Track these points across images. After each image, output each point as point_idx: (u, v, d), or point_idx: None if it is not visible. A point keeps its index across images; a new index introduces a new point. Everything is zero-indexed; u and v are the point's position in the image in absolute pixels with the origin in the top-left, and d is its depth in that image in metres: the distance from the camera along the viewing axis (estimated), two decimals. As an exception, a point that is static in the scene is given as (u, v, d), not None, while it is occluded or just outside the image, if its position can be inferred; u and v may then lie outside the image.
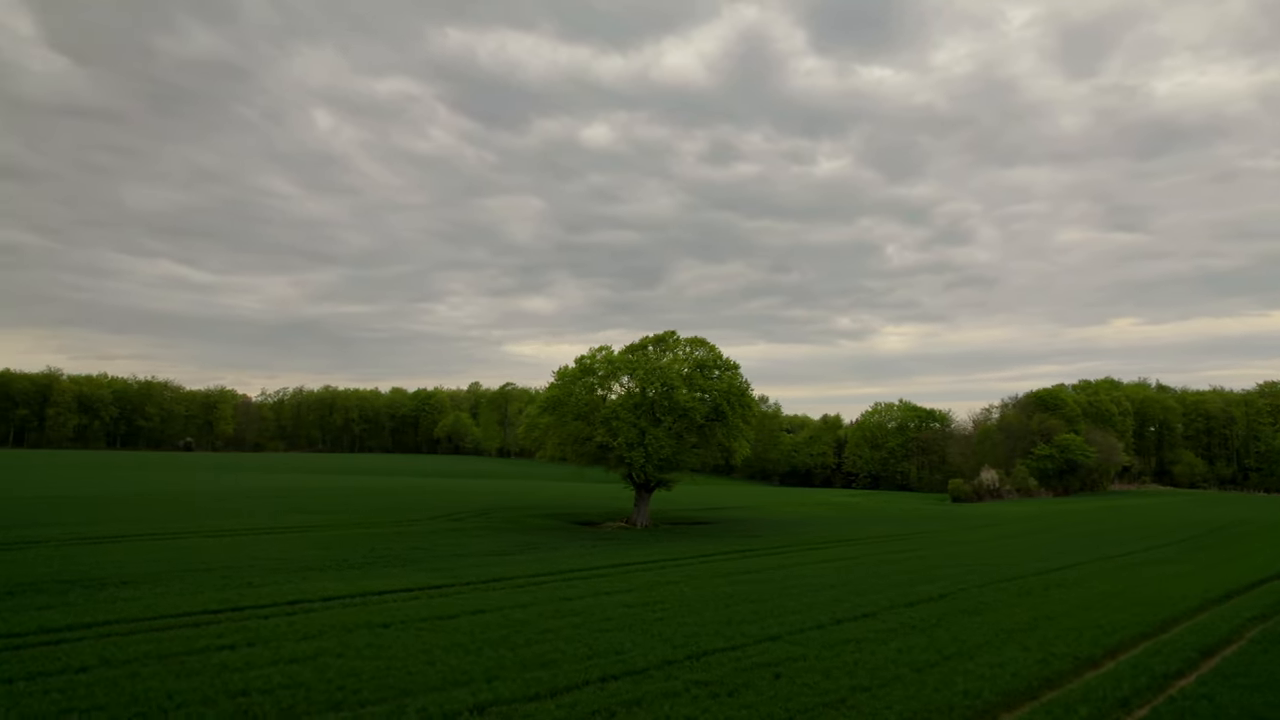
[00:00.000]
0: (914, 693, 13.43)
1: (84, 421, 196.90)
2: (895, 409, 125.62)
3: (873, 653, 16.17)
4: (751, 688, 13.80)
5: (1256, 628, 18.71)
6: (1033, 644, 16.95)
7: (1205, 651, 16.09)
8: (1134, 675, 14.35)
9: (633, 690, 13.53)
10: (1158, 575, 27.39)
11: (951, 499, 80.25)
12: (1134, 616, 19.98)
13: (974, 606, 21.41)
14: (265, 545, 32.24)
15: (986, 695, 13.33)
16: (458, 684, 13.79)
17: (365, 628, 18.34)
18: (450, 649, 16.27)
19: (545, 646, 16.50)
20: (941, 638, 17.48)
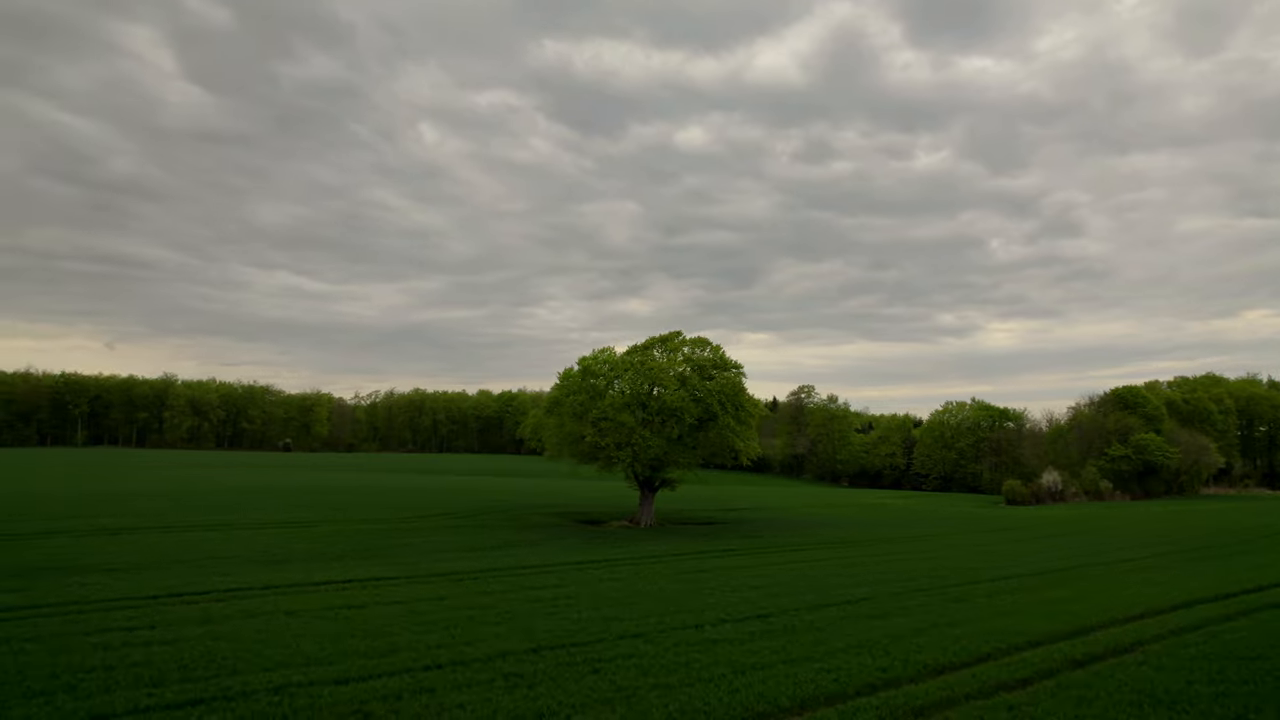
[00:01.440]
0: (706, 692, 13.43)
1: (195, 424, 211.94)
2: (967, 408, 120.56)
3: (718, 653, 16.12)
4: (557, 680, 14.09)
5: (1140, 647, 17.57)
6: (894, 650, 16.51)
7: (1045, 673, 15.07)
8: (933, 692, 13.66)
9: (439, 678, 14.05)
10: (1126, 582, 25.81)
11: (1006, 501, 76.48)
12: (1042, 627, 19.07)
13: (883, 611, 20.87)
14: (264, 538, 34.38)
15: (781, 700, 13.20)
16: (285, 666, 14.68)
17: (271, 614, 19.57)
18: (319, 635, 17.23)
19: (408, 637, 17.23)
20: (806, 641, 17.19)
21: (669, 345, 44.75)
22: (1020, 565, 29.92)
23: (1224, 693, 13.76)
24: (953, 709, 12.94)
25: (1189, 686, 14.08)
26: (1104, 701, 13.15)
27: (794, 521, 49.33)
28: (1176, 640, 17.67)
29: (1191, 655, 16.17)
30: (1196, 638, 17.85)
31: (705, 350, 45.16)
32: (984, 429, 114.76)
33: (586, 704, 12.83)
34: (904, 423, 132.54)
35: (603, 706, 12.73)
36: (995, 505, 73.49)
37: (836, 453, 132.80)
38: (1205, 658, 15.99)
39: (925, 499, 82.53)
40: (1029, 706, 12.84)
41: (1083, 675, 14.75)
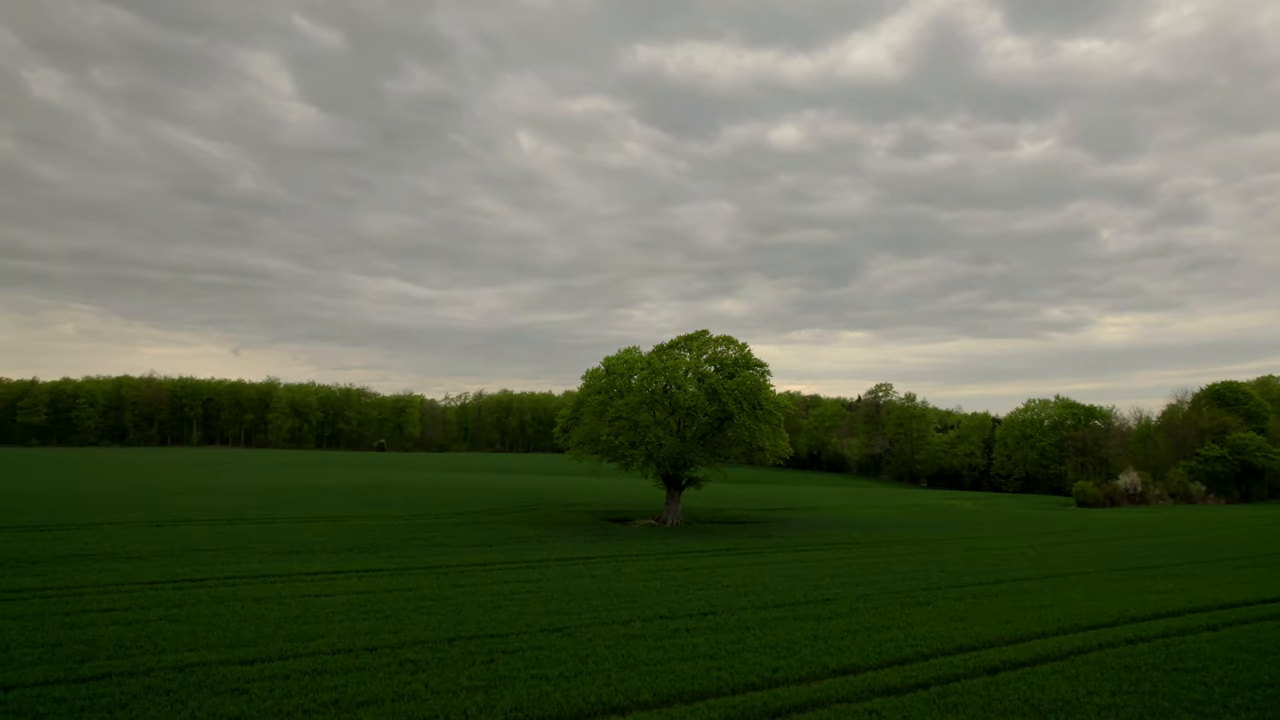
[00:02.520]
0: (575, 685, 13.68)
1: (296, 424, 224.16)
2: (1050, 405, 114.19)
3: (626, 648, 16.31)
4: (445, 668, 14.65)
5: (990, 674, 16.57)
6: (805, 651, 16.28)
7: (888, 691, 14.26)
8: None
9: (339, 663, 14.84)
10: (1121, 590, 24.30)
11: (1076, 504, 72.08)
12: (987, 632, 18.32)
13: (834, 613, 20.45)
14: (294, 531, 36.42)
15: (643, 694, 13.33)
16: (210, 646, 15.84)
17: (241, 600, 20.95)
18: (265, 620, 18.41)
19: (345, 624, 18.18)
20: (725, 640, 17.11)
21: (692, 345, 44.74)
22: (1019, 570, 28.57)
23: (1117, 704, 13.00)
24: (813, 711, 12.76)
25: (1087, 697, 13.37)
26: (975, 709, 12.67)
27: (827, 522, 48.38)
28: (1125, 649, 16.67)
29: (1124, 665, 15.28)
30: (1148, 648, 16.80)
31: (730, 349, 44.92)
32: (1068, 427, 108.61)
33: (452, 690, 13.31)
34: (983, 422, 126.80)
35: (464, 694, 13.19)
36: (1065, 508, 69.58)
37: (915, 453, 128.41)
38: (1135, 669, 15.08)
39: (993, 501, 78.92)
40: (892, 712, 12.52)
41: (982, 682, 14.19)
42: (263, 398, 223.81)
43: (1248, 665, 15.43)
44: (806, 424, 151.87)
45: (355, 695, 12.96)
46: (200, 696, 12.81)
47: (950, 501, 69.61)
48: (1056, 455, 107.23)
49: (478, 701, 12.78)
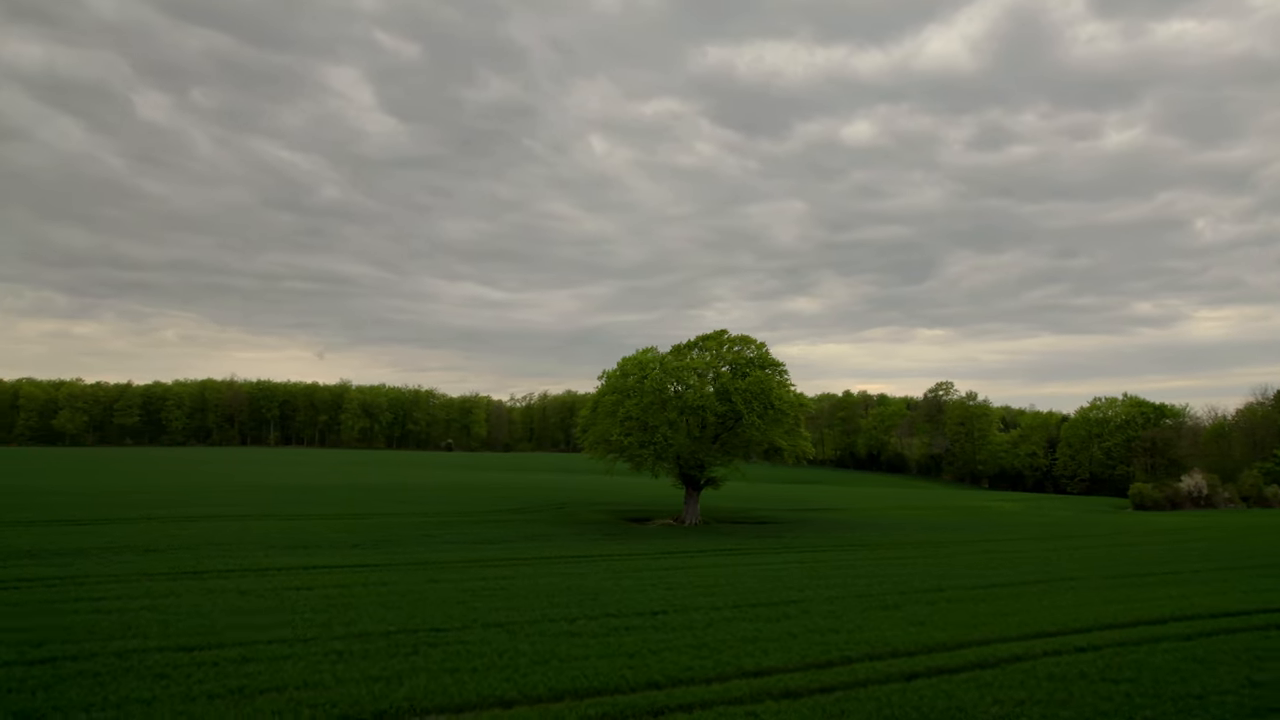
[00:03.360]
0: (477, 678, 14.04)
1: (367, 425, 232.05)
2: (1118, 404, 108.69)
3: (553, 645, 16.60)
4: (369, 659, 15.25)
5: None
6: (725, 652, 16.27)
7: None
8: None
9: (272, 651, 15.59)
10: (1090, 599, 23.22)
11: (1133, 506, 68.38)
12: (932, 638, 17.90)
13: (787, 615, 20.24)
14: (311, 528, 37.94)
15: (539, 690, 13.59)
16: (163, 635, 16.80)
17: (225, 592, 22.09)
18: (234, 610, 19.47)
19: (303, 615, 19.05)
20: (653, 640, 17.18)
21: (708, 345, 44.68)
22: (1019, 574, 27.58)
23: (1017, 713, 12.60)
24: (696, 712, 12.76)
25: (989, 705, 12.99)
26: (860, 715, 12.47)
27: (853, 523, 47.54)
28: (1068, 658, 16.04)
29: (1051, 674, 14.73)
30: (1094, 657, 16.14)
31: (748, 349, 44.68)
32: (1137, 426, 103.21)
33: (357, 680, 13.83)
34: (1046, 421, 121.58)
35: (367, 683, 13.68)
36: (1120, 511, 66.22)
37: (976, 453, 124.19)
38: (1062, 678, 14.53)
39: (1044, 503, 75.77)
40: (772, 716, 12.44)
41: (890, 689, 13.91)
42: (335, 399, 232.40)
43: (1188, 677, 14.69)
44: (865, 424, 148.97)
45: (264, 683, 13.61)
46: (124, 680, 13.65)
47: (998, 504, 67.24)
48: (1124, 456, 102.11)
49: (374, 691, 13.26)
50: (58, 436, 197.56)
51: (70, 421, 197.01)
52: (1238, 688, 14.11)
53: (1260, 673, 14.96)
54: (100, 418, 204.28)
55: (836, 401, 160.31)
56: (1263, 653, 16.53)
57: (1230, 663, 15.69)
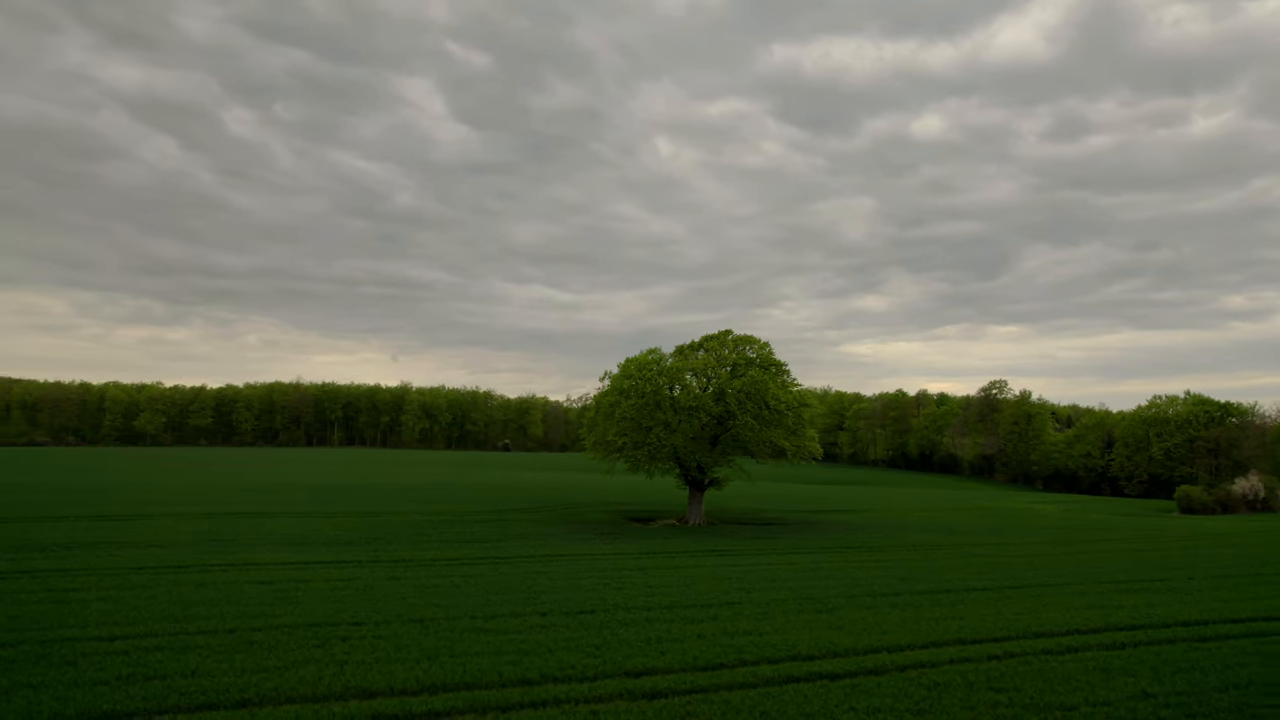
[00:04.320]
0: (362, 670, 14.54)
1: (426, 426, 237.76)
2: (1179, 402, 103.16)
3: (449, 640, 17.01)
4: (272, 649, 15.95)
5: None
6: (609, 652, 16.41)
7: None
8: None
9: (187, 641, 16.42)
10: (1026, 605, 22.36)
11: (1179, 509, 64.73)
12: (820, 645, 17.63)
13: (714, 616, 20.17)
14: (317, 526, 39.29)
15: (409, 683, 14.00)
16: (100, 624, 17.83)
17: (188, 585, 23.17)
18: (187, 602, 20.47)
19: (251, 606, 20.00)
20: (556, 638, 17.41)
21: (709, 345, 44.53)
22: (987, 580, 26.70)
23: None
24: (545, 709, 12.96)
25: (844, 712, 12.80)
26: (702, 718, 12.46)
27: (860, 525, 46.69)
28: (962, 665, 15.61)
29: (934, 682, 14.43)
30: (993, 665, 15.70)
31: (749, 349, 44.39)
32: (1198, 425, 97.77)
33: (243, 670, 14.49)
34: (1102, 420, 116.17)
35: (252, 674, 14.30)
36: (1165, 514, 62.86)
37: (1029, 453, 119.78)
38: (942, 685, 14.26)
39: (1084, 505, 72.55)
40: (608, 715, 12.55)
41: (753, 693, 13.82)
42: (397, 400, 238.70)
43: (1080, 687, 14.18)
44: (917, 423, 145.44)
45: (157, 670, 14.37)
46: (34, 666, 14.57)
47: (1037, 506, 64.86)
48: (1185, 456, 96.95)
49: (253, 680, 13.86)
50: (139, 437, 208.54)
51: (150, 423, 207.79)
52: (1125, 699, 13.56)
53: (1158, 684, 14.34)
54: (177, 419, 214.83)
55: (888, 400, 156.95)
56: (1182, 664, 15.80)
57: (1136, 673, 15.06)
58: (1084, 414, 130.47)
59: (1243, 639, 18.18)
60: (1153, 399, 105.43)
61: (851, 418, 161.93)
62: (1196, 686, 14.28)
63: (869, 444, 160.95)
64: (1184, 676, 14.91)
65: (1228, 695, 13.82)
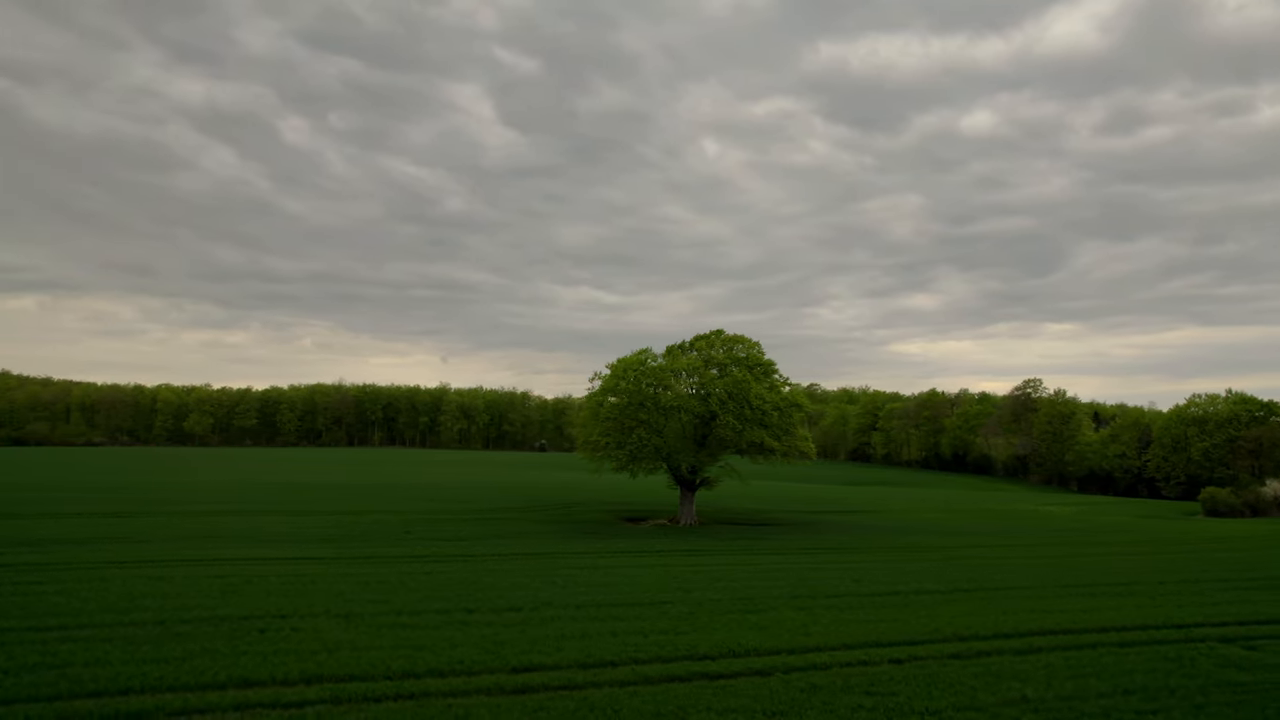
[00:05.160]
0: (259, 661, 15.00)
1: (464, 426, 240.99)
2: (1220, 400, 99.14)
3: (360, 635, 17.39)
4: (190, 639, 16.54)
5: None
6: (502, 649, 16.62)
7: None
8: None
9: (105, 633, 17.07)
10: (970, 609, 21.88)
11: (1205, 511, 62.16)
12: (714, 645, 17.55)
13: (631, 616, 20.22)
14: (306, 524, 40.35)
15: (291, 674, 14.40)
16: (38, 615, 18.67)
17: (145, 579, 24.01)
18: (129, 595, 21.24)
19: (183, 601, 20.63)
20: (454, 635, 17.69)
21: (699, 345, 44.47)
22: (947, 582, 26.16)
23: (709, 717, 12.36)
24: (396, 701, 13.17)
25: (702, 712, 12.78)
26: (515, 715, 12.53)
27: (853, 526, 46.10)
28: (849, 669, 15.37)
29: (811, 685, 14.24)
30: (882, 668, 15.43)
31: (738, 348, 44.21)
32: (1239, 425, 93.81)
33: (144, 660, 15.04)
34: (1138, 419, 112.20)
35: (152, 664, 14.79)
36: (1188, 517, 60.52)
37: (1063, 453, 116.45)
38: (817, 689, 14.09)
39: (1113, 506, 70.32)
40: (414, 710, 12.69)
41: (606, 693, 13.73)
42: (435, 401, 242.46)
43: (960, 691, 13.94)
44: (950, 423, 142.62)
45: (60, 659, 14.95)
46: (-54, 654, 15.37)
47: (1051, 508, 63.13)
48: (1225, 457, 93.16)
49: (145, 669, 14.38)
50: (188, 437, 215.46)
51: (198, 423, 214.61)
52: (997, 705, 13.28)
53: (1044, 689, 14.01)
54: (224, 420, 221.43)
55: (922, 400, 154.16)
56: (1083, 669, 15.39)
57: (1027, 679, 14.71)
58: (1121, 413, 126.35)
59: (1164, 645, 17.61)
60: (1191, 397, 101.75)
61: (885, 418, 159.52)
62: (1082, 691, 13.93)
63: (902, 444, 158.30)
64: (1076, 682, 14.54)
65: (1109, 700, 13.46)
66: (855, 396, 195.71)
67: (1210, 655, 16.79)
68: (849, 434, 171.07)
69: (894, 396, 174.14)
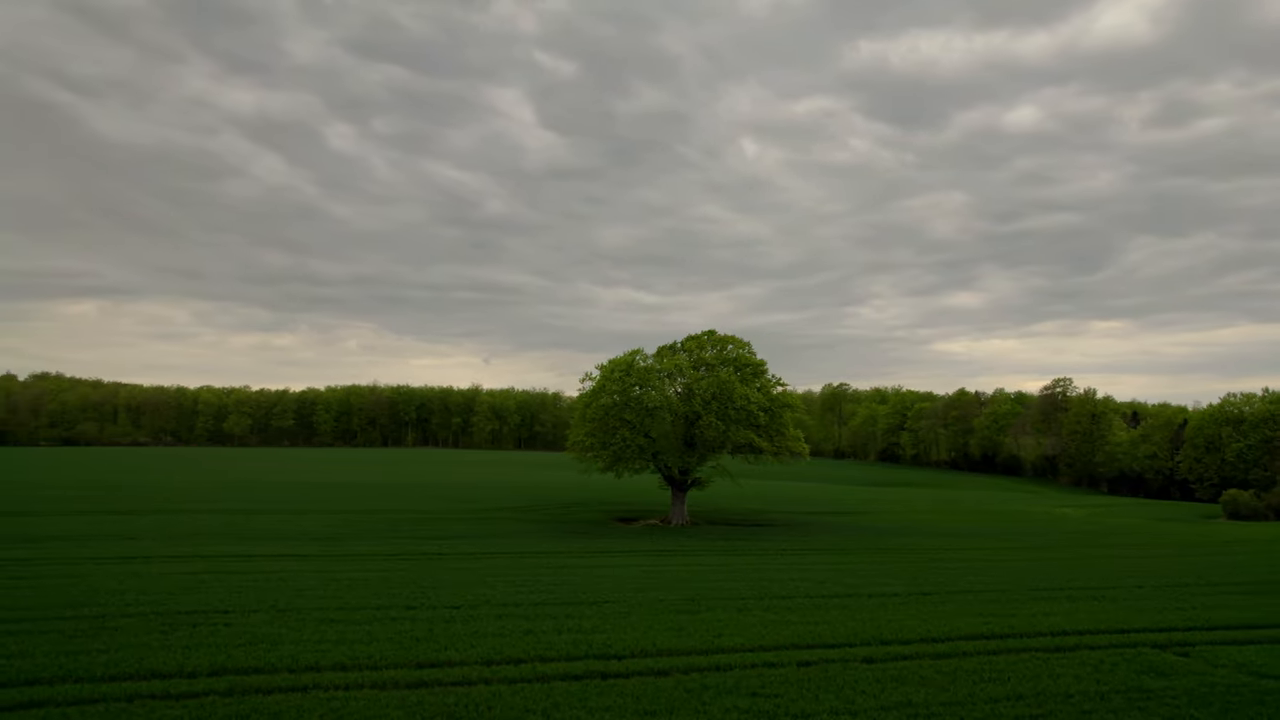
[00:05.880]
0: (162, 653, 15.50)
1: (496, 427, 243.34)
2: (1256, 400, 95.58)
3: (281, 630, 17.81)
4: (126, 632, 17.11)
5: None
6: (409, 647, 16.89)
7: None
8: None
9: (52, 625, 17.79)
10: (916, 613, 21.54)
11: (1226, 515, 59.90)
12: (626, 645, 17.58)
13: (564, 614, 20.46)
14: (303, 522, 41.26)
15: (188, 666, 14.85)
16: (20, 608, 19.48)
17: (122, 575, 24.92)
18: (93, 590, 22.03)
19: (138, 596, 21.35)
20: (367, 630, 17.95)
21: (689, 347, 44.46)
22: (898, 585, 25.88)
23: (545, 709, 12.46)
24: (282, 694, 13.50)
25: (578, 710, 12.88)
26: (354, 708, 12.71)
27: (845, 527, 45.62)
28: (756, 672, 15.30)
29: (682, 688, 14.17)
30: (796, 671, 15.32)
31: (729, 348, 44.13)
32: (1277, 424, 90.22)
33: (68, 652, 15.61)
34: (1170, 418, 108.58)
35: (78, 655, 15.30)
36: (1209, 520, 58.47)
37: (1093, 454, 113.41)
38: (702, 688, 14.03)
39: (1135, 508, 68.31)
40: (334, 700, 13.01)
41: (489, 689, 13.85)
42: (468, 402, 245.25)
43: (846, 694, 13.79)
44: (978, 423, 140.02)
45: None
46: (-107, 643, 16.15)
47: (1063, 510, 61.61)
48: (1261, 458, 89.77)
49: (56, 660, 14.86)
50: (228, 438, 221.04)
51: (237, 424, 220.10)
52: (874, 709, 13.10)
53: (939, 694, 13.80)
54: (262, 421, 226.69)
55: (950, 400, 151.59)
56: (992, 673, 15.10)
57: (926, 683, 14.49)
58: (1154, 412, 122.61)
59: (1098, 650, 17.21)
60: (1226, 396, 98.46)
61: (913, 418, 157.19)
62: (972, 697, 13.70)
63: (931, 445, 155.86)
64: (975, 687, 14.27)
65: (994, 706, 13.22)
66: (886, 396, 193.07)
67: (1136, 661, 16.37)
68: (878, 434, 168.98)
69: (926, 396, 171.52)
